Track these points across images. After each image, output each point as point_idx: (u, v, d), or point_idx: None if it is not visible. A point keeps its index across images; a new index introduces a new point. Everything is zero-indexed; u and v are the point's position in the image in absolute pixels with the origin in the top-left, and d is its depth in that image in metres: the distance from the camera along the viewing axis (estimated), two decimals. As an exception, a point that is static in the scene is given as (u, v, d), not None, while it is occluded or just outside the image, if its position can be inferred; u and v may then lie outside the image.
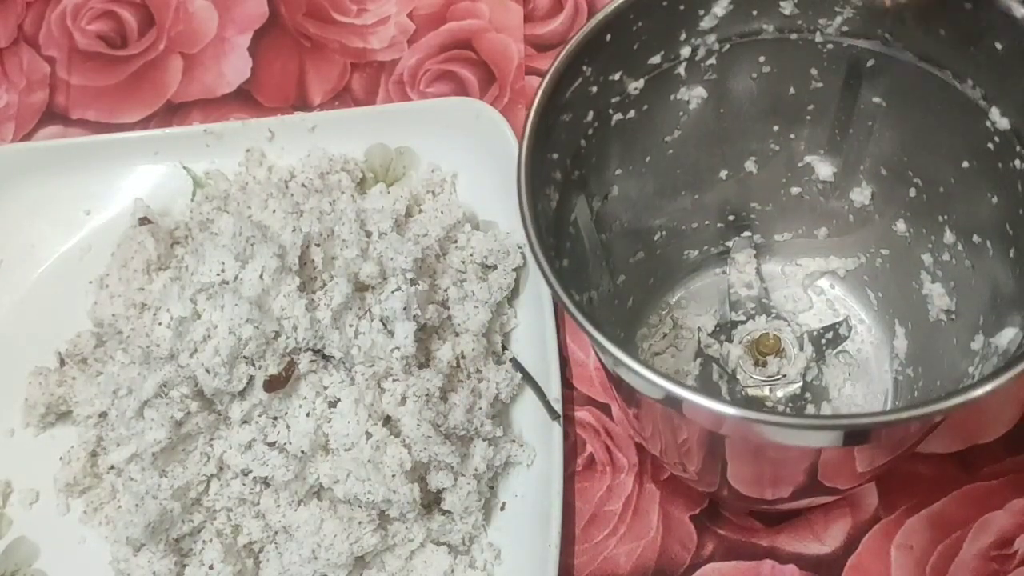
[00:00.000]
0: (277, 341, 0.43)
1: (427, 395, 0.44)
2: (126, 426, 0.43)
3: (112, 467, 0.46)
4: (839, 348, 0.46)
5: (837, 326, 0.46)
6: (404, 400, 0.44)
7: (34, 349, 0.50)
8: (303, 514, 0.42)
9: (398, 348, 0.44)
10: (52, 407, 0.48)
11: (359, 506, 0.42)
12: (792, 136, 0.43)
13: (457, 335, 0.47)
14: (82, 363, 0.49)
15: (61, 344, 0.50)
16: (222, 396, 0.43)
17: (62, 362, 0.49)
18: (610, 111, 0.38)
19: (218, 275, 0.43)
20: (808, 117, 0.42)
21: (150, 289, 0.49)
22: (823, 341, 0.45)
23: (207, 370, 0.42)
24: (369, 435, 0.42)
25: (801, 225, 0.47)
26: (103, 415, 0.47)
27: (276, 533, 0.43)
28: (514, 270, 0.50)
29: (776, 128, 0.43)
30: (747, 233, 0.47)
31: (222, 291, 0.43)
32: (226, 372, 0.42)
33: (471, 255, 0.50)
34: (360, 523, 0.42)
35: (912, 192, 0.42)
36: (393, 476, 0.42)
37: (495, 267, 0.49)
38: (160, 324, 0.43)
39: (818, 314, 0.47)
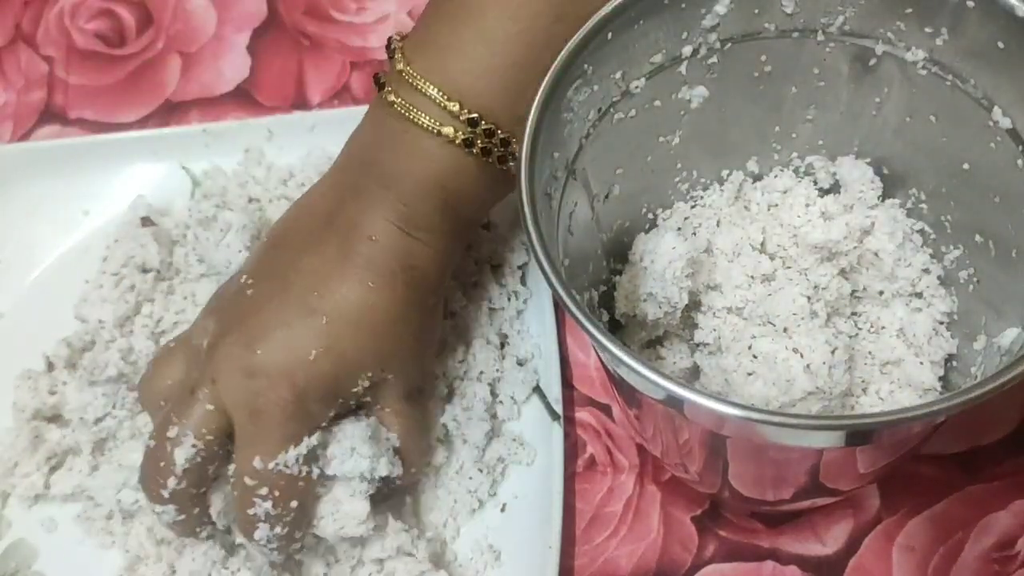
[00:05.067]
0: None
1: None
2: None
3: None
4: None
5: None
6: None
7: (32, 350, 0.49)
8: None
9: None
10: (40, 412, 0.48)
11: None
12: (794, 136, 0.43)
13: (461, 336, 0.47)
14: (71, 368, 0.48)
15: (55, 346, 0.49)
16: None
17: (50, 366, 0.49)
18: (611, 110, 0.38)
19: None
20: (810, 117, 0.42)
21: (140, 290, 0.49)
22: (825, 341, 0.45)
23: None
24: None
25: (802, 225, 0.47)
26: (99, 420, 0.47)
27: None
28: (519, 267, 0.49)
29: (778, 128, 0.42)
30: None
31: None
32: None
33: (479, 253, 0.49)
34: None
35: (913, 192, 0.42)
36: None
37: (500, 265, 0.49)
38: None
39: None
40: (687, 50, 0.38)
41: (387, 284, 0.40)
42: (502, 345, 0.48)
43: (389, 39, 0.42)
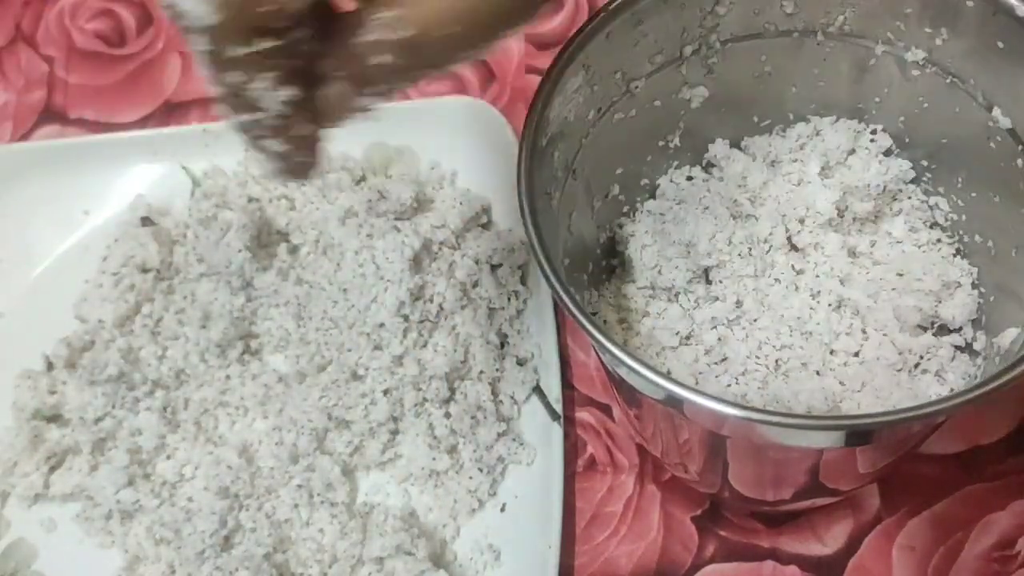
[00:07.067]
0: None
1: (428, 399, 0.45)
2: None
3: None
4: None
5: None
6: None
7: (32, 350, 0.49)
8: None
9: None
10: (39, 412, 0.48)
11: None
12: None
13: (461, 336, 0.47)
14: (71, 367, 0.48)
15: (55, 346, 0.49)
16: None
17: (49, 366, 0.49)
18: (611, 109, 0.38)
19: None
20: (810, 117, 0.42)
21: (140, 289, 0.49)
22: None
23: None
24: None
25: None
26: (98, 420, 0.47)
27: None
28: (519, 267, 0.49)
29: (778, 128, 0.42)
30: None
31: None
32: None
33: (479, 253, 0.49)
34: None
35: (914, 192, 0.42)
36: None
37: (500, 265, 0.49)
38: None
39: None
40: (687, 50, 0.38)
41: None
42: (502, 345, 0.48)
43: None
